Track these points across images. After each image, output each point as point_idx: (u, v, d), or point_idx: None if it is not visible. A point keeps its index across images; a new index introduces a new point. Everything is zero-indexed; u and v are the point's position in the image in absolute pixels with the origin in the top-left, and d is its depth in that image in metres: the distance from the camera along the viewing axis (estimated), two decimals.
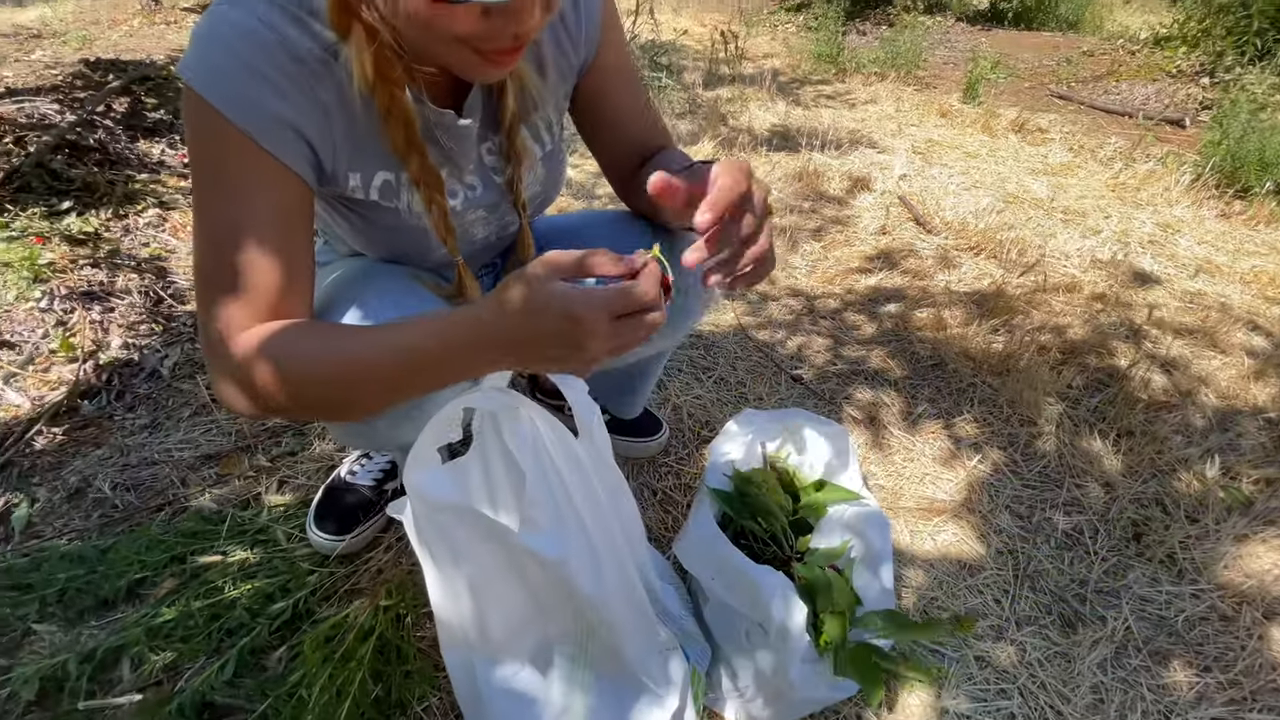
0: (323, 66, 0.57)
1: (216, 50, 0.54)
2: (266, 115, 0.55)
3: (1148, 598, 1.04)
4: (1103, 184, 2.62)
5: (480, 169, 0.74)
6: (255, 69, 0.54)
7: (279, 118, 0.56)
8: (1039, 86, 4.23)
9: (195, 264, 0.58)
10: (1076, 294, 1.82)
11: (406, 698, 0.81)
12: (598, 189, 2.39)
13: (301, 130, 0.58)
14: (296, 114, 0.57)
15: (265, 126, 0.55)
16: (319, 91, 0.58)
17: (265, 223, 0.57)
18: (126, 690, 0.82)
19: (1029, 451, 1.31)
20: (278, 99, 0.55)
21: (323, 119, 0.59)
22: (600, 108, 0.80)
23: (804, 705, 0.81)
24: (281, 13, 0.55)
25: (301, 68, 0.56)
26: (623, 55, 0.78)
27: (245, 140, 0.54)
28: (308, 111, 0.58)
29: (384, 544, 1.02)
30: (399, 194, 0.69)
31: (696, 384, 1.44)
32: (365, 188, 0.67)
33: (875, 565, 0.86)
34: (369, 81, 0.57)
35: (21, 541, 1.02)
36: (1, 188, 1.91)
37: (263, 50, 0.54)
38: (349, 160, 0.64)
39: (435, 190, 0.68)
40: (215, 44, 0.54)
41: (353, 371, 0.55)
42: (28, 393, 1.29)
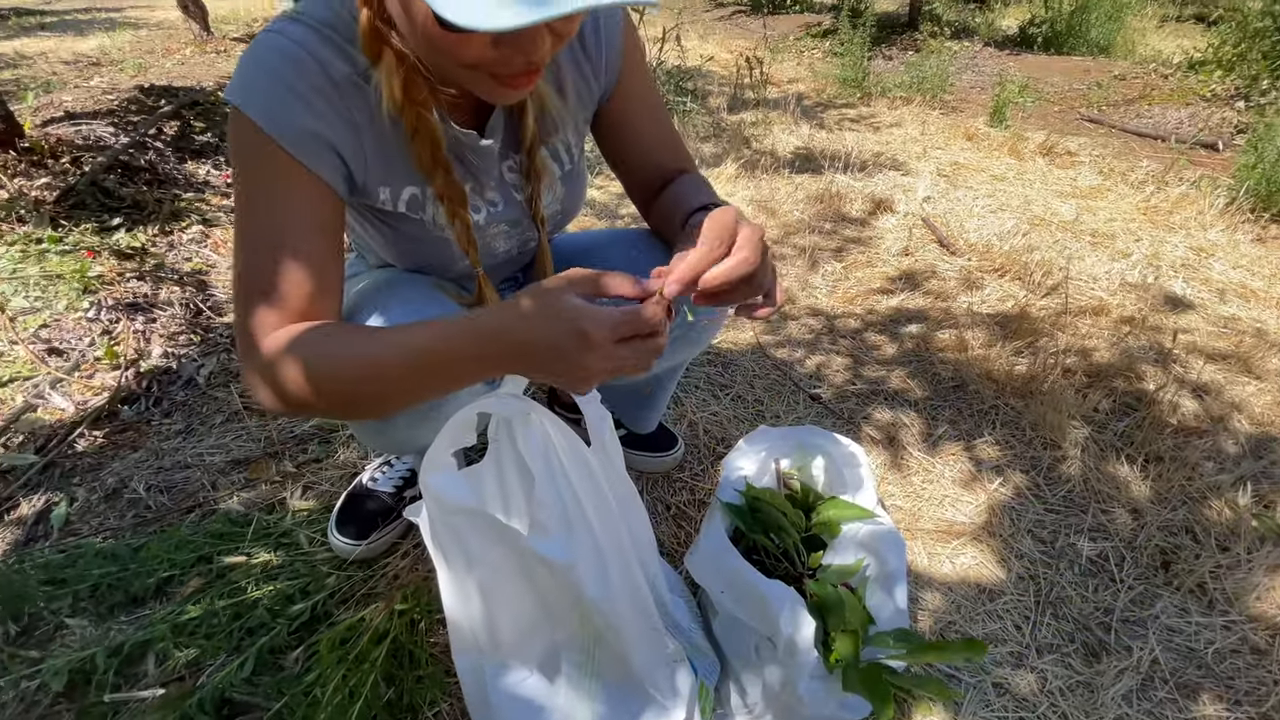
0: (355, 88, 0.61)
1: (259, 72, 0.58)
2: (302, 130, 0.59)
3: (1176, 628, 1.00)
4: (1133, 207, 2.58)
5: (501, 186, 0.77)
6: (293, 88, 0.58)
7: (313, 133, 0.60)
8: (1068, 110, 4.19)
9: (234, 270, 0.61)
10: (1104, 317, 1.79)
11: (417, 702, 0.82)
12: (620, 209, 2.43)
13: (334, 145, 0.62)
14: (330, 130, 0.61)
15: (300, 140, 0.59)
16: (352, 111, 0.62)
17: (299, 230, 0.60)
18: (151, 684, 0.84)
19: (1052, 475, 1.28)
20: (313, 116, 0.59)
21: (354, 136, 0.63)
22: (622, 133, 0.82)
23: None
24: (320, 38, 0.59)
25: (336, 88, 0.60)
26: (644, 82, 0.81)
27: (282, 153, 0.58)
28: (340, 129, 0.62)
29: (401, 550, 1.04)
30: (425, 207, 0.72)
31: (713, 401, 1.45)
32: (394, 200, 0.70)
33: (889, 585, 0.85)
34: (397, 103, 0.61)
35: (59, 538, 1.06)
36: (58, 204, 2.02)
37: (301, 72, 0.59)
38: (379, 175, 0.68)
39: (458, 205, 0.71)
40: (258, 66, 0.59)
41: (369, 371, 0.57)
42: (72, 397, 1.35)
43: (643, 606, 0.75)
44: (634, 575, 0.73)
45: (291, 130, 0.58)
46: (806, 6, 8.38)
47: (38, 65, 4.57)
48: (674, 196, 0.80)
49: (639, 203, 0.89)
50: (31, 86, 3.69)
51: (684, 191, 0.78)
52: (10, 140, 2.20)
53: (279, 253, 0.59)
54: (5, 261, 1.73)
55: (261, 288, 0.59)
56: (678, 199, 0.78)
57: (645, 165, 0.85)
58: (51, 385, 1.37)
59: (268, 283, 0.59)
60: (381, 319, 0.70)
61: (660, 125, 0.84)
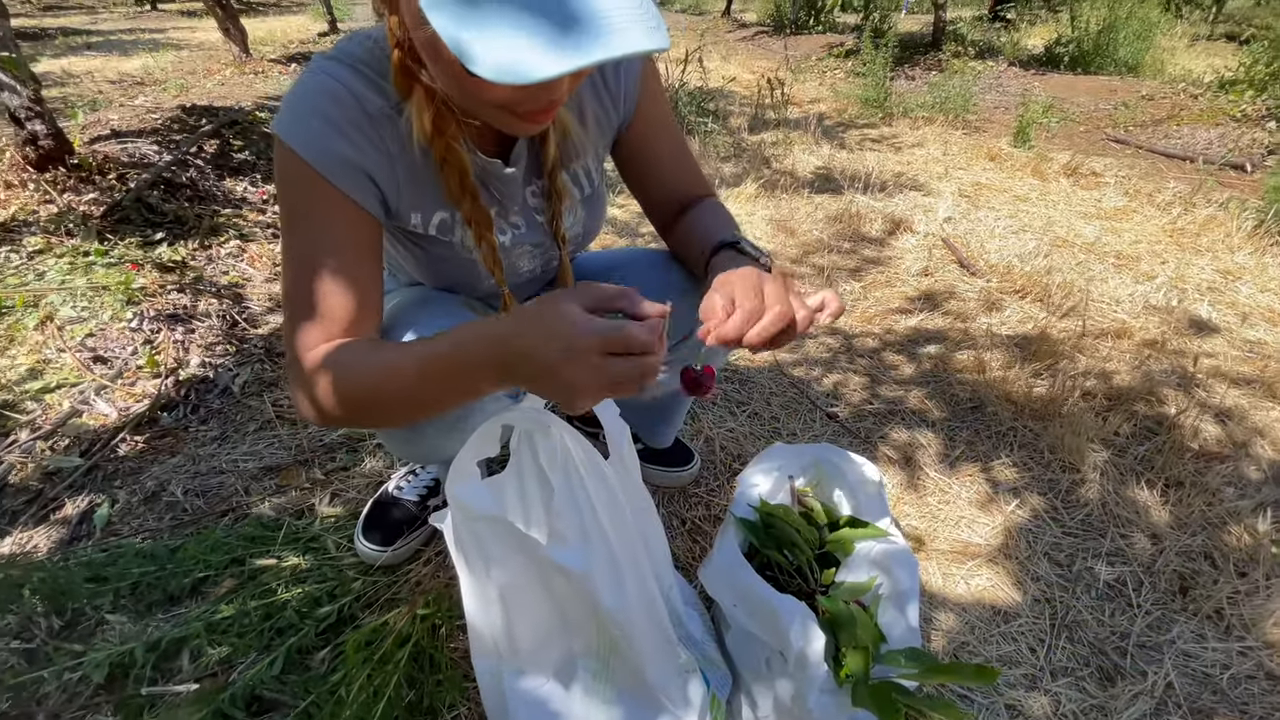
0: (388, 120, 0.66)
1: (302, 107, 0.63)
2: (341, 160, 0.63)
3: (1192, 653, 0.99)
4: (1159, 229, 2.56)
5: (525, 210, 0.81)
6: (332, 121, 0.63)
7: (351, 162, 0.64)
8: (1094, 131, 4.17)
9: (282, 290, 0.66)
10: (1126, 340, 1.78)
11: (437, 704, 0.85)
12: (640, 227, 2.48)
13: (370, 173, 0.66)
14: (365, 160, 0.66)
15: (339, 169, 0.64)
16: (386, 141, 0.67)
17: (339, 253, 0.65)
18: (185, 680, 0.88)
19: (1070, 499, 1.28)
20: (351, 147, 0.64)
21: (388, 164, 0.68)
22: (641, 160, 0.86)
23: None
24: (357, 75, 0.65)
25: (371, 121, 0.65)
26: (662, 109, 0.85)
27: (322, 180, 0.63)
28: (375, 158, 0.66)
29: (424, 557, 1.08)
30: (454, 230, 0.76)
31: (730, 418, 1.47)
32: (425, 224, 0.75)
33: (901, 604, 0.86)
34: (427, 135, 0.66)
35: (101, 538, 1.12)
36: (104, 219, 2.12)
37: (340, 106, 0.64)
38: (411, 200, 0.72)
39: (485, 228, 0.75)
40: (301, 101, 0.64)
41: (385, 378, 0.60)
42: (115, 403, 1.42)
43: (657, 618, 0.77)
44: (649, 587, 0.75)
45: (331, 160, 0.63)
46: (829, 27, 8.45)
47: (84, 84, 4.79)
48: (695, 225, 0.83)
49: (658, 224, 0.92)
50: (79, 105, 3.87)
51: (705, 222, 0.82)
52: (60, 157, 2.32)
53: (321, 274, 0.63)
54: (55, 273, 1.82)
55: (305, 307, 0.63)
56: (699, 229, 0.81)
57: (663, 189, 0.88)
58: (96, 392, 1.44)
59: (311, 302, 0.63)
60: (414, 335, 0.74)
61: (678, 151, 0.88)
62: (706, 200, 0.88)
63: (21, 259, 1.88)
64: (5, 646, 0.93)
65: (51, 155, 2.29)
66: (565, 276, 0.89)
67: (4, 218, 2.08)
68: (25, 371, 1.47)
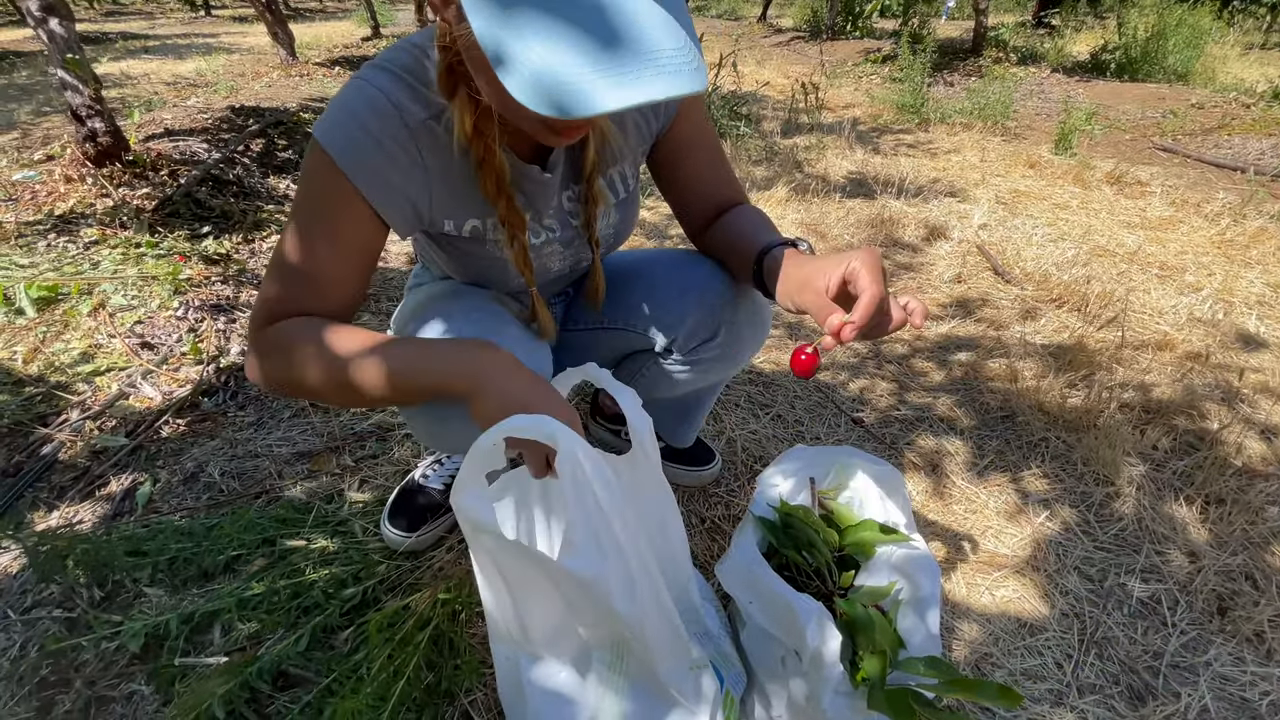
0: (428, 131, 0.68)
1: (344, 114, 0.66)
2: (373, 171, 0.66)
3: (1229, 676, 0.96)
4: (1207, 240, 2.47)
5: (559, 214, 0.83)
6: (372, 133, 0.65)
7: (383, 176, 0.67)
8: (1140, 139, 4.05)
9: (270, 262, 0.70)
10: (1168, 352, 1.72)
11: (455, 688, 0.87)
12: (669, 230, 2.49)
13: (402, 188, 0.69)
14: (400, 175, 0.68)
15: (370, 180, 0.66)
16: (422, 153, 0.69)
17: (341, 250, 0.68)
18: (216, 652, 0.91)
19: (1104, 513, 1.24)
20: (387, 162, 0.67)
21: (423, 176, 0.70)
22: (676, 167, 0.87)
23: None
24: (400, 84, 0.67)
25: (410, 133, 0.68)
26: (700, 120, 0.86)
27: (350, 188, 0.66)
28: (410, 172, 0.69)
29: (447, 544, 1.10)
30: (485, 235, 0.79)
31: (753, 419, 1.47)
32: (458, 230, 0.77)
33: (922, 610, 0.85)
34: (468, 135, 0.68)
35: (143, 515, 1.16)
36: (155, 213, 2.21)
37: (381, 119, 0.66)
38: (444, 209, 0.75)
39: (518, 229, 0.77)
40: (344, 109, 0.66)
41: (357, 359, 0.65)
42: (160, 387, 1.48)
43: (669, 620, 0.76)
44: (660, 592, 0.75)
45: (364, 170, 0.66)
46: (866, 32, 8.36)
47: (141, 85, 5.00)
48: (733, 230, 0.84)
49: (689, 229, 0.93)
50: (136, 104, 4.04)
51: (746, 226, 0.83)
52: (117, 153, 2.42)
53: (317, 258, 0.67)
54: (108, 263, 1.90)
55: (289, 279, 0.68)
56: (740, 232, 0.83)
57: (698, 196, 0.89)
58: (143, 376, 1.50)
59: (297, 280, 0.68)
60: (443, 324, 0.76)
61: (714, 157, 0.88)
62: (743, 205, 0.89)
63: (78, 249, 1.97)
64: (48, 615, 0.97)
65: (109, 151, 2.40)
66: (597, 278, 0.91)
67: (64, 210, 2.18)
68: (78, 355, 1.54)
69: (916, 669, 0.79)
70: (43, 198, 2.27)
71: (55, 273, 1.82)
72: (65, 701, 0.87)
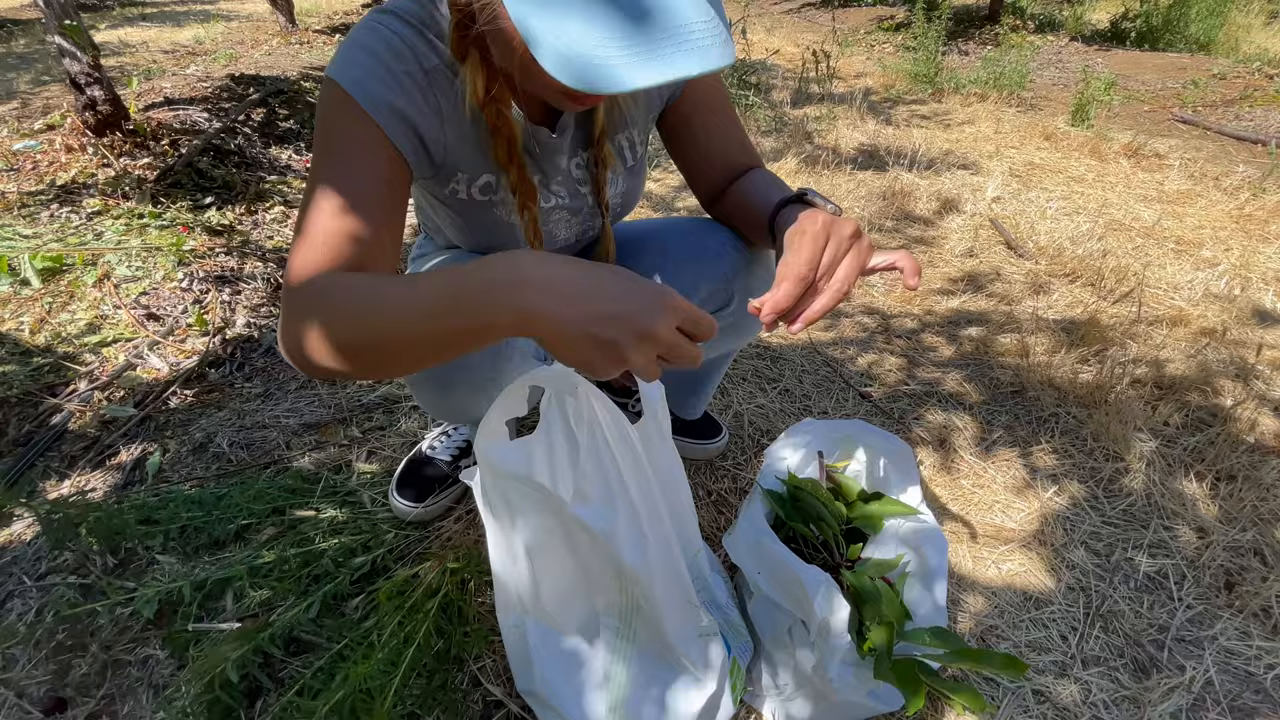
0: (445, 79, 0.66)
1: (360, 52, 0.63)
2: (391, 106, 0.63)
3: (1235, 650, 0.96)
4: (1225, 214, 2.42)
5: (567, 180, 0.81)
6: (389, 68, 0.63)
7: (400, 111, 0.64)
8: (1160, 110, 3.95)
9: (298, 222, 0.62)
10: (1182, 328, 1.70)
11: (464, 654, 0.88)
12: (676, 201, 2.45)
13: (418, 127, 0.66)
14: (417, 113, 0.66)
15: (389, 115, 0.63)
16: (439, 99, 0.67)
17: (370, 193, 0.63)
18: (229, 618, 0.93)
19: (1113, 488, 1.24)
20: (403, 96, 0.64)
21: (437, 120, 0.68)
22: (689, 131, 0.84)
23: (842, 710, 0.81)
24: (414, 31, 0.65)
25: (427, 76, 0.65)
26: (712, 83, 0.83)
27: (369, 120, 0.62)
28: (427, 113, 0.66)
29: (455, 515, 1.10)
30: (497, 192, 0.77)
31: (760, 393, 1.46)
32: (470, 186, 0.75)
33: (929, 582, 0.85)
34: (480, 100, 0.66)
35: (153, 484, 1.17)
36: (158, 183, 2.19)
37: (397, 56, 0.64)
38: (457, 160, 0.72)
39: (529, 199, 0.75)
40: (359, 47, 0.64)
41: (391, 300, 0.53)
42: (167, 358, 1.48)
43: (679, 580, 0.77)
44: (672, 549, 0.76)
45: (381, 103, 0.63)
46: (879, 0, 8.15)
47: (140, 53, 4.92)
48: (746, 193, 0.82)
49: (703, 198, 0.91)
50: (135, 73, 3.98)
51: (757, 188, 0.80)
52: (117, 123, 2.39)
53: (346, 210, 0.61)
54: (112, 233, 1.89)
55: (320, 237, 0.60)
56: (755, 193, 0.80)
57: (711, 162, 0.86)
58: (149, 347, 1.50)
59: (328, 234, 0.60)
60: None
61: (728, 123, 0.85)
62: (756, 169, 0.86)
63: (81, 219, 1.96)
64: (63, 581, 0.99)
65: (109, 120, 2.37)
66: (607, 244, 0.89)
67: (65, 180, 2.16)
68: (84, 326, 1.54)
69: (922, 640, 0.80)
70: (44, 168, 2.25)
71: (59, 243, 1.81)
72: (82, 665, 0.88)
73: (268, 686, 0.85)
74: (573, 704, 0.76)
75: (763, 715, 0.86)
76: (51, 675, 0.87)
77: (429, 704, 0.83)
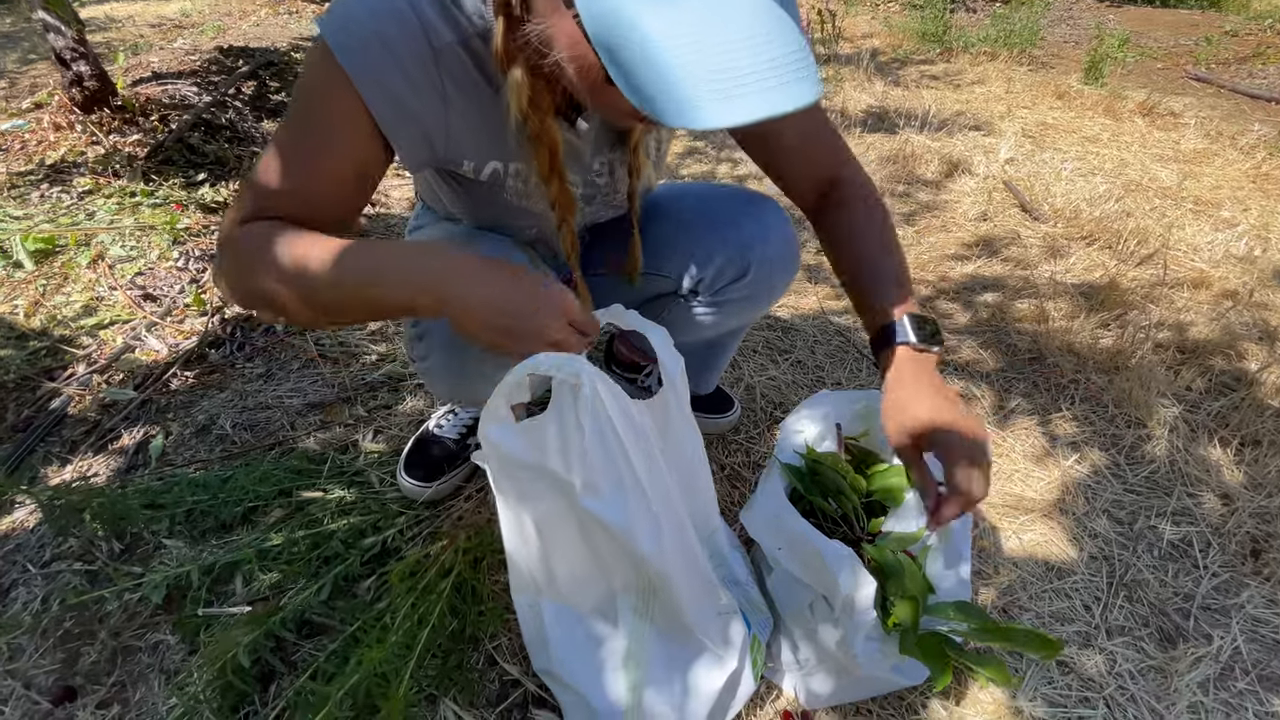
0: (454, 56, 0.59)
1: (360, 10, 0.56)
2: (383, 84, 0.57)
3: (1262, 619, 0.94)
4: (1242, 174, 2.36)
5: (586, 173, 0.77)
6: (391, 46, 0.56)
7: (394, 94, 0.58)
8: (1173, 68, 3.84)
9: (253, 170, 0.60)
10: (1204, 290, 1.66)
11: (479, 633, 0.86)
12: (680, 170, 2.39)
13: (419, 116, 0.61)
14: (419, 101, 0.60)
15: (376, 91, 0.57)
16: (445, 82, 0.60)
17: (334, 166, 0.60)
18: (239, 602, 0.91)
19: (1135, 455, 1.21)
20: (406, 83, 0.58)
21: (440, 106, 0.62)
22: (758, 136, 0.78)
23: (865, 684, 0.80)
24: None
25: (435, 56, 0.59)
26: None
27: (353, 93, 0.57)
28: (428, 98, 0.60)
29: (465, 493, 1.08)
30: (504, 181, 0.72)
31: (772, 365, 1.43)
32: (477, 172, 0.71)
33: (952, 555, 0.83)
34: (524, 111, 0.60)
35: (156, 468, 1.15)
36: (148, 160, 2.13)
37: (403, 29, 0.57)
38: (463, 147, 0.67)
39: (568, 212, 0.71)
40: (361, 9, 0.56)
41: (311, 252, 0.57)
42: (166, 340, 1.45)
43: (696, 562, 0.75)
44: (687, 535, 0.73)
45: (374, 83, 0.57)
46: None
47: (126, 28, 4.80)
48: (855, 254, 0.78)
49: (802, 207, 0.84)
50: (121, 48, 3.88)
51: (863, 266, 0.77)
52: (104, 98, 2.33)
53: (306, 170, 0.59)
54: (104, 212, 1.84)
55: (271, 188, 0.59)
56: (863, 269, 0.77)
57: (794, 168, 0.80)
58: (147, 328, 1.47)
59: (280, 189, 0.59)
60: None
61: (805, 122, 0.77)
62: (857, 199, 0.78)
63: (72, 199, 1.91)
64: (68, 568, 0.97)
65: (96, 97, 2.30)
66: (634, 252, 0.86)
67: (55, 159, 2.11)
68: (80, 308, 1.51)
69: (946, 614, 0.78)
70: (33, 147, 2.19)
71: (51, 224, 1.76)
72: (91, 653, 0.87)
73: (281, 670, 0.84)
74: (591, 683, 0.74)
75: (784, 690, 0.85)
76: (60, 664, 0.86)
77: (445, 685, 0.82)
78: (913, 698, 0.84)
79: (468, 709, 0.81)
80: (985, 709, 0.84)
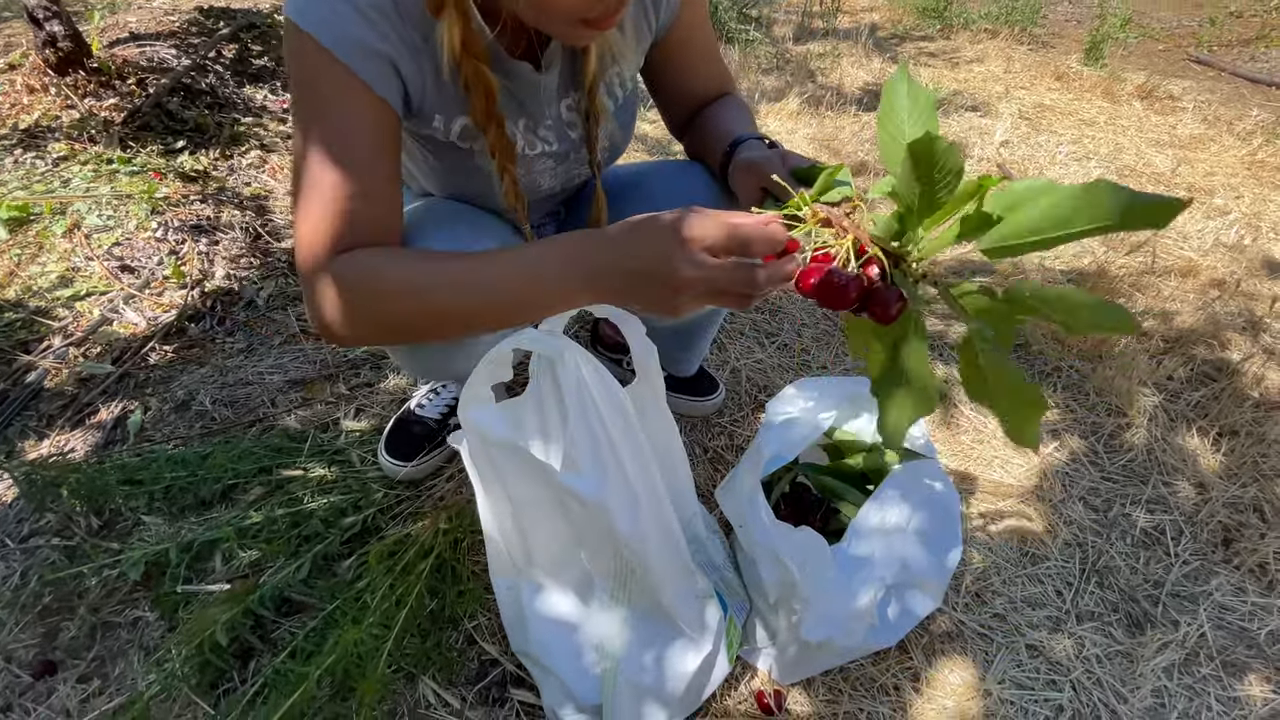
0: (421, 14, 0.59)
1: None
2: (362, 46, 0.57)
3: (1229, 606, 0.96)
4: (1237, 160, 2.35)
5: (557, 124, 0.75)
6: (354, 2, 0.56)
7: (375, 50, 0.58)
8: (1175, 49, 3.79)
9: (294, 190, 0.59)
10: (1191, 279, 1.66)
11: (458, 614, 0.87)
12: (673, 146, 2.35)
13: (395, 63, 0.60)
14: (390, 48, 0.59)
15: (361, 57, 0.57)
16: (413, 34, 0.60)
17: (363, 150, 0.59)
18: (218, 580, 0.91)
19: (1114, 443, 1.23)
20: (375, 34, 0.57)
21: (415, 57, 0.61)
22: (672, 66, 0.82)
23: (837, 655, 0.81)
24: None
25: (398, 7, 0.58)
26: (702, 17, 0.80)
27: (341, 67, 0.56)
28: (401, 48, 0.60)
29: (446, 473, 1.08)
30: (477, 138, 0.71)
31: (758, 348, 1.43)
32: (448, 129, 0.69)
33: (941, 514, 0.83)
34: (456, 54, 0.59)
35: (135, 444, 1.14)
36: (125, 125, 2.07)
37: None
38: (436, 101, 0.66)
39: (508, 160, 0.70)
40: None
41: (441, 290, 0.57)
42: (144, 313, 1.43)
43: (674, 545, 0.75)
44: (666, 514, 0.74)
45: (352, 46, 0.56)
46: None
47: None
48: (711, 122, 0.80)
49: (673, 127, 0.90)
50: (98, 7, 3.75)
51: (721, 118, 0.79)
52: (79, 60, 2.25)
53: (344, 173, 0.57)
54: (79, 180, 1.80)
55: (326, 209, 0.57)
56: (716, 126, 0.79)
57: (689, 96, 0.85)
58: (125, 301, 1.44)
59: (334, 204, 0.57)
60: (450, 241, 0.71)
61: (710, 54, 0.84)
62: (724, 96, 0.85)
63: (47, 165, 1.86)
64: (46, 543, 0.97)
65: (71, 58, 2.22)
66: (598, 204, 0.84)
67: (28, 123, 2.05)
68: (56, 279, 1.48)
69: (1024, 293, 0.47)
70: (6, 110, 2.12)
71: (25, 191, 1.72)
72: (70, 628, 0.87)
73: (259, 648, 0.85)
74: (568, 665, 0.75)
75: (759, 670, 0.86)
76: (40, 639, 0.86)
77: (424, 664, 0.83)
78: (884, 679, 0.86)
79: (446, 687, 0.82)
80: (955, 690, 0.85)
